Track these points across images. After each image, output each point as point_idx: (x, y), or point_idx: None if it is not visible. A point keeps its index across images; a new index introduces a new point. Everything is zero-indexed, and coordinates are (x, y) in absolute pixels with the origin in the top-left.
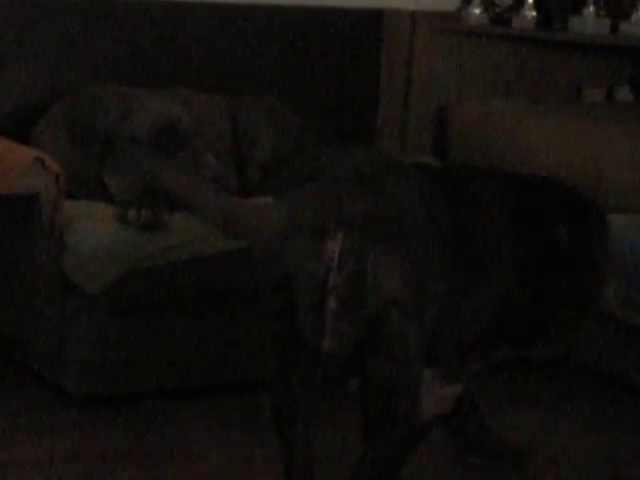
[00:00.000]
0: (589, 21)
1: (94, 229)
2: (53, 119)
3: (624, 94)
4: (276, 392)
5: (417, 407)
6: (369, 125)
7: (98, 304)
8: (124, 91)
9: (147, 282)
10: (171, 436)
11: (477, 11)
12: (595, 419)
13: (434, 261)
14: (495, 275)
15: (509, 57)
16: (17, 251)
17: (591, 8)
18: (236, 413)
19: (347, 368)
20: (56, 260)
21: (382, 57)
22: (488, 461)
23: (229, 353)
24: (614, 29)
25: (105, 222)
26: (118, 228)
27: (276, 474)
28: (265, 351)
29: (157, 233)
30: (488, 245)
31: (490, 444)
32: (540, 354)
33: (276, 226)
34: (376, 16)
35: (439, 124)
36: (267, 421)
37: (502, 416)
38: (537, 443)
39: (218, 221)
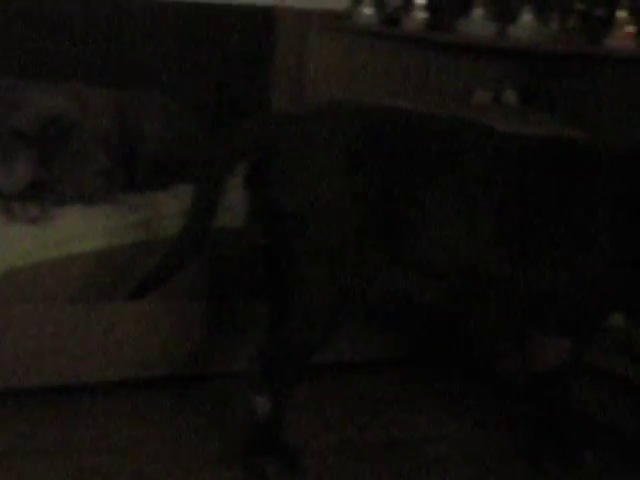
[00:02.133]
0: (476, 23)
1: None
2: None
3: (510, 97)
4: None
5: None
6: None
7: None
8: (9, 84)
9: (35, 277)
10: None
11: (367, 11)
12: (482, 417)
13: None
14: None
15: (399, 57)
16: None
17: (479, 10)
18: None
19: None
20: None
21: (273, 55)
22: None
23: (121, 348)
24: (501, 32)
25: None
26: (3, 222)
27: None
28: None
29: (44, 227)
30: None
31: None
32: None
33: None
34: (267, 13)
35: None
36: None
37: (390, 414)
38: (426, 441)
39: None
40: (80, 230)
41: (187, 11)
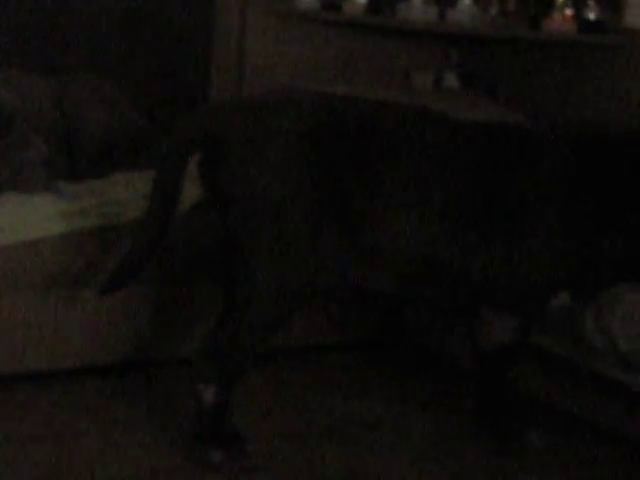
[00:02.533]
0: (416, 8)
1: None
2: None
3: (451, 80)
4: None
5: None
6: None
7: None
8: None
9: None
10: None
11: None
12: (422, 398)
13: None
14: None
15: (340, 42)
16: None
17: None
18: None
19: None
20: None
21: (213, 39)
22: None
23: (67, 336)
24: (441, 16)
25: None
26: None
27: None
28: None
29: None
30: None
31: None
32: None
33: None
34: None
35: None
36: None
37: (335, 399)
38: (371, 425)
39: None
40: (19, 219)
41: None
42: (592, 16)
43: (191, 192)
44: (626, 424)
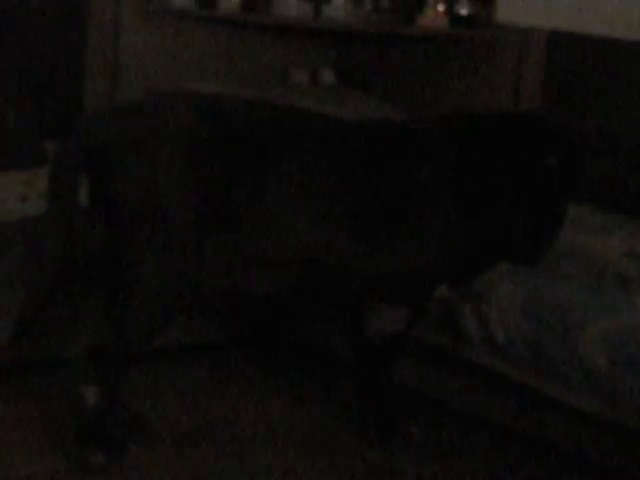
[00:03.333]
0: (292, 4)
1: None
2: None
3: (328, 76)
4: None
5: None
6: (76, 108)
7: None
8: None
9: None
10: None
11: None
12: (301, 393)
13: None
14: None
15: (216, 40)
16: None
17: None
18: None
19: None
20: None
21: (87, 38)
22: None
23: None
24: (317, 12)
25: None
26: None
27: None
28: None
29: None
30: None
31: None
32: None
33: None
34: None
35: None
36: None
37: (213, 395)
38: (249, 421)
39: None
40: None
41: None
42: (464, 12)
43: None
44: (503, 414)
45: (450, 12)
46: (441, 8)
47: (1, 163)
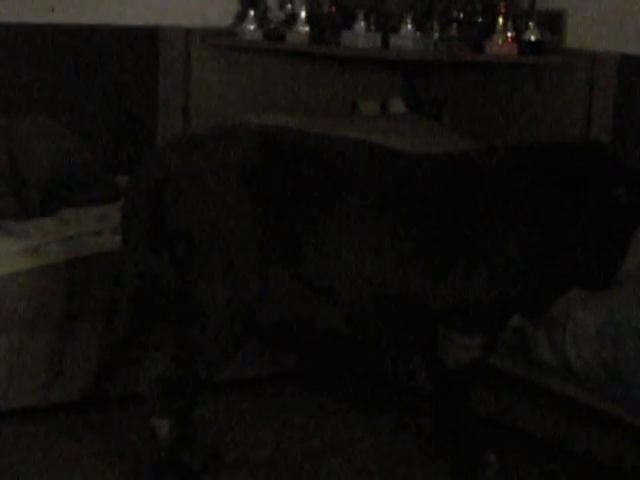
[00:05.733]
0: (360, 35)
1: None
2: None
3: (397, 106)
4: None
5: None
6: (149, 143)
7: None
8: None
9: None
10: None
11: (251, 27)
12: (380, 426)
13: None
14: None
15: (285, 72)
16: None
17: (362, 23)
18: None
19: None
20: None
21: (159, 74)
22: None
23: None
24: (385, 43)
25: None
26: None
27: None
28: None
29: None
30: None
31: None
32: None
33: None
34: (151, 33)
35: None
36: None
37: (294, 427)
38: (315, 454)
39: None
40: None
41: (71, 33)
42: (533, 38)
43: None
44: (582, 441)
45: (519, 38)
46: (510, 34)
47: (76, 199)
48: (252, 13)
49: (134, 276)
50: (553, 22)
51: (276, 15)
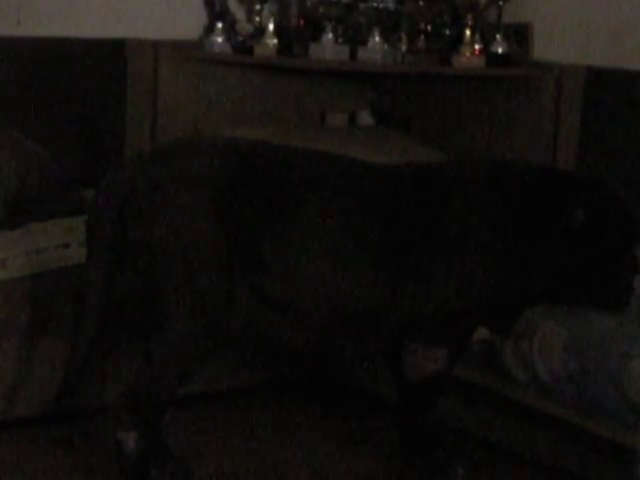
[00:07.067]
0: (328, 48)
1: None
2: None
3: (365, 118)
4: None
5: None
6: (117, 156)
7: None
8: None
9: None
10: None
11: (219, 39)
12: (350, 437)
13: None
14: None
15: (253, 84)
16: None
17: (330, 35)
18: None
19: None
20: None
21: (127, 87)
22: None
23: None
24: (353, 55)
25: None
26: None
27: None
28: None
29: None
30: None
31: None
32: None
33: None
34: (119, 46)
35: None
36: None
37: (259, 440)
38: (294, 465)
39: None
40: None
41: (38, 45)
42: (500, 50)
43: None
44: (550, 453)
45: (486, 51)
46: (477, 47)
47: (42, 212)
48: (220, 25)
49: (98, 291)
50: (520, 34)
51: (244, 27)
